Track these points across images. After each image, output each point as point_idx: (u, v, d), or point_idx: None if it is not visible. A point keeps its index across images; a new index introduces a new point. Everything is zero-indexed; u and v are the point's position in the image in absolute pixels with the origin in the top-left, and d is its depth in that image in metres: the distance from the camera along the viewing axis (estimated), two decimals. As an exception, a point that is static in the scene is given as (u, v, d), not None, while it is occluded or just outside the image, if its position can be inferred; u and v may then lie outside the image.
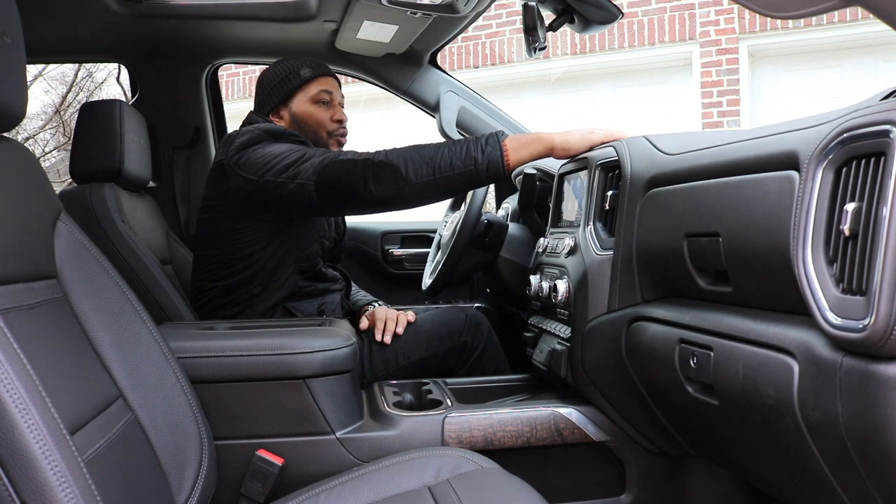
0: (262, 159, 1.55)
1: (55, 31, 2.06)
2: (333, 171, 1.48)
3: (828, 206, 0.75)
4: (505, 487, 1.05)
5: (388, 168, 1.43)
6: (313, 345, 1.28)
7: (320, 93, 1.75)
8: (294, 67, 1.76)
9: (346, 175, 1.46)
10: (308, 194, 1.50)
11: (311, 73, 1.76)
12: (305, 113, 1.75)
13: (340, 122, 1.77)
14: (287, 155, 1.53)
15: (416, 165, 1.43)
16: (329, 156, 1.50)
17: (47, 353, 0.90)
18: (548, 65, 6.54)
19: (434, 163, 1.43)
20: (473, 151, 1.42)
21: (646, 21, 6.13)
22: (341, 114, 1.78)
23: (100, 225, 1.73)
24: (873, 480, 0.73)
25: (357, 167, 1.45)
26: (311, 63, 1.78)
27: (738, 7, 5.15)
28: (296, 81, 1.75)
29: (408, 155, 1.44)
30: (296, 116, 1.75)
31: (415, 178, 1.43)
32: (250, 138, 1.61)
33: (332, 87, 1.78)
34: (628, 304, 1.24)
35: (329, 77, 1.79)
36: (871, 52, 5.56)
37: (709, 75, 5.97)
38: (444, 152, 1.43)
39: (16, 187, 0.98)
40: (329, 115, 1.76)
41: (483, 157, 1.42)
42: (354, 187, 1.46)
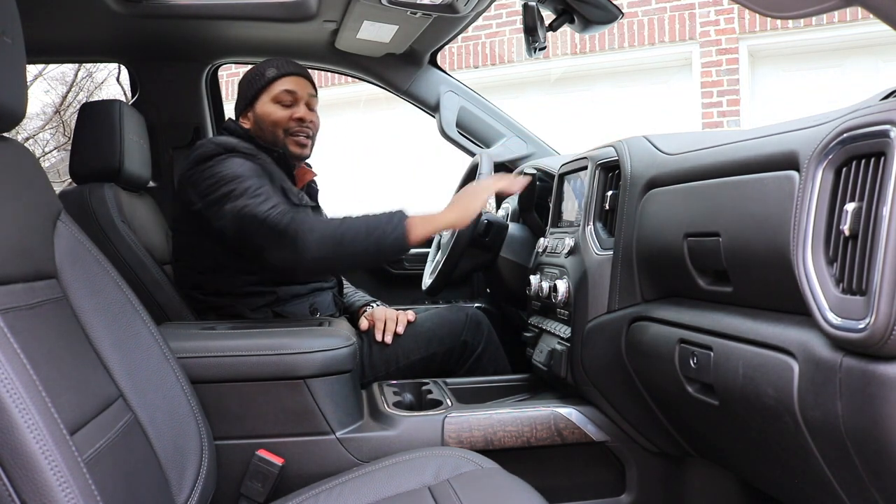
0: (207, 181, 1.56)
1: (55, 31, 2.06)
2: (244, 224, 1.48)
3: (828, 206, 0.75)
4: (505, 487, 1.05)
5: (289, 237, 1.41)
6: (313, 345, 1.28)
7: (282, 93, 1.73)
8: (261, 69, 1.76)
9: (252, 234, 1.46)
10: (228, 236, 1.52)
11: (274, 72, 1.74)
12: (265, 113, 1.73)
13: (300, 120, 1.73)
14: (225, 182, 1.53)
15: (319, 239, 1.41)
16: (249, 205, 1.48)
17: (47, 353, 0.90)
18: (548, 65, 6.54)
19: (337, 238, 1.41)
20: (376, 232, 1.42)
21: (646, 21, 6.13)
22: (303, 112, 1.74)
23: (100, 225, 1.73)
24: (873, 480, 0.73)
25: (262, 228, 1.44)
26: (278, 63, 1.77)
27: (738, 7, 5.15)
28: (260, 82, 1.74)
29: (315, 226, 1.43)
30: (257, 117, 1.75)
31: (315, 252, 1.41)
32: (203, 153, 1.61)
33: (296, 86, 1.74)
34: (628, 304, 1.24)
35: (294, 76, 1.75)
36: (871, 52, 5.56)
37: (709, 75, 5.97)
38: (349, 231, 1.42)
39: (16, 187, 0.98)
40: (289, 113, 1.73)
41: (386, 240, 1.42)
42: (259, 247, 1.46)
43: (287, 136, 1.73)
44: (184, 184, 1.63)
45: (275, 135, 1.73)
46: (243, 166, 1.57)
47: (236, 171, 1.56)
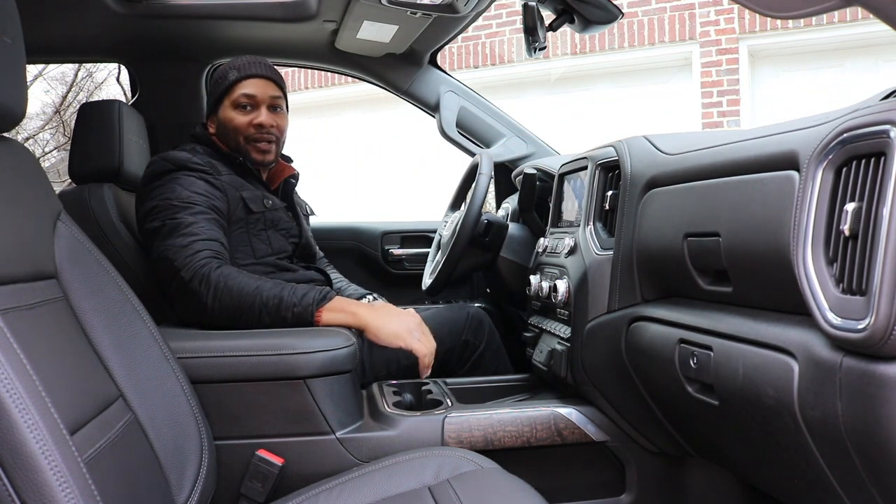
0: (149, 205, 1.52)
1: (55, 31, 2.06)
2: (161, 269, 1.45)
3: (828, 206, 0.75)
4: (505, 487, 1.05)
5: (195, 298, 1.38)
6: (313, 345, 1.28)
7: (241, 97, 1.65)
8: (224, 70, 1.69)
9: (166, 281, 1.44)
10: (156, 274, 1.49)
11: (235, 75, 1.66)
12: (226, 119, 1.67)
13: (260, 126, 1.65)
14: (160, 214, 1.49)
15: (224, 305, 1.37)
16: (167, 249, 1.43)
17: (47, 353, 0.90)
18: (548, 65, 6.54)
19: (243, 311, 1.37)
20: (284, 310, 1.37)
21: (646, 21, 6.13)
22: (263, 117, 1.65)
23: (99, 225, 1.73)
24: (873, 480, 0.73)
25: (174, 280, 1.41)
26: (240, 64, 1.68)
27: (738, 7, 5.15)
28: (222, 85, 1.67)
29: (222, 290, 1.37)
30: (220, 124, 1.69)
31: (217, 314, 1.38)
32: (152, 171, 1.57)
33: (257, 89, 1.66)
34: (628, 304, 1.24)
35: (256, 78, 1.67)
36: (871, 52, 5.57)
37: (709, 75, 5.97)
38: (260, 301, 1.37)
39: (16, 187, 0.98)
40: (249, 119, 1.65)
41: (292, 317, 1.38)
42: (169, 296, 1.44)
43: (248, 142, 1.67)
44: (136, 201, 1.61)
45: (236, 141, 1.67)
46: (192, 187, 1.52)
47: (179, 193, 1.50)
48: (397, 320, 1.43)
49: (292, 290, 1.40)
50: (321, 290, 1.41)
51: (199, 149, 1.64)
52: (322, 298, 1.40)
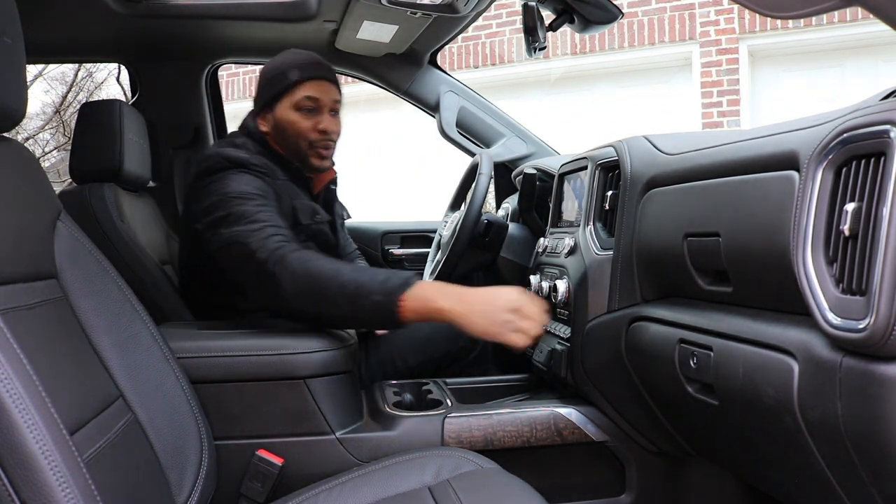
0: (210, 199, 1.44)
1: (55, 31, 2.06)
2: (232, 255, 1.37)
3: (828, 207, 0.75)
4: (505, 487, 1.05)
5: (270, 281, 1.29)
6: (313, 345, 1.28)
7: (304, 99, 1.57)
8: (284, 67, 1.60)
9: (236, 268, 1.37)
10: (220, 264, 1.41)
11: (298, 75, 1.57)
12: (286, 121, 1.58)
13: (325, 132, 1.59)
14: (225, 203, 1.41)
15: (300, 291, 1.27)
16: (238, 235, 1.35)
17: (47, 353, 0.90)
18: (548, 65, 6.54)
19: (319, 297, 1.27)
20: (363, 298, 1.25)
21: (646, 21, 6.13)
22: (328, 122, 1.59)
23: (100, 225, 1.73)
24: (873, 480, 0.73)
25: (249, 263, 1.33)
26: (302, 63, 1.60)
27: (738, 7, 5.15)
28: (282, 84, 1.58)
29: (298, 274, 1.28)
30: (277, 123, 1.59)
31: (293, 304, 1.29)
32: (209, 167, 1.49)
33: (320, 91, 1.59)
34: (628, 304, 1.24)
35: (319, 80, 1.59)
36: (871, 52, 5.56)
37: (709, 75, 5.97)
38: (336, 287, 1.26)
39: (16, 187, 0.98)
40: (312, 123, 1.58)
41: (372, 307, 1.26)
42: (242, 283, 1.38)
43: (309, 148, 1.60)
44: (188, 197, 1.54)
45: (296, 145, 1.59)
46: (250, 184, 1.46)
47: (240, 188, 1.44)
48: (488, 315, 1.23)
49: (372, 274, 1.29)
50: (402, 276, 1.28)
51: (251, 146, 1.56)
52: (403, 285, 1.26)
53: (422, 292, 1.26)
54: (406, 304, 1.25)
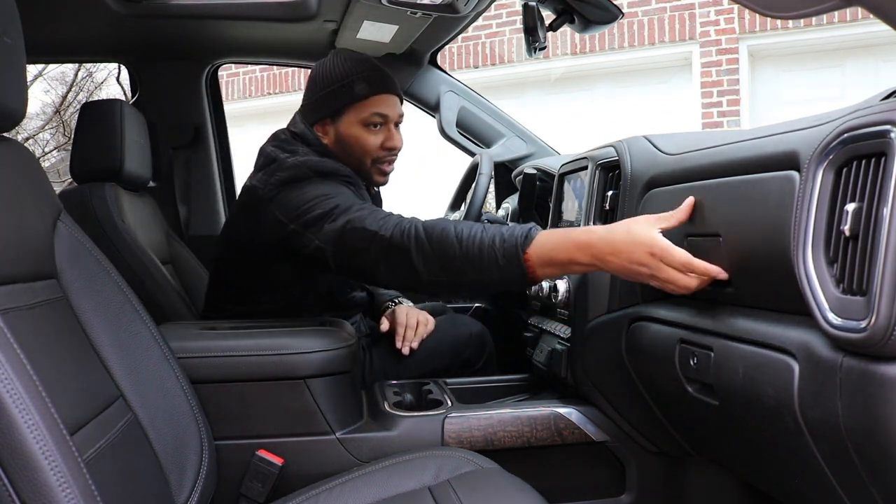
0: (298, 202, 1.37)
1: (55, 31, 2.06)
2: (348, 243, 1.30)
3: (828, 207, 0.75)
4: (505, 487, 1.05)
5: (399, 256, 1.23)
6: (313, 345, 1.28)
7: (373, 115, 1.51)
8: (349, 78, 1.50)
9: (358, 253, 1.29)
10: (326, 259, 1.34)
11: (366, 89, 1.50)
12: (352, 136, 1.52)
13: (392, 149, 1.55)
14: (321, 202, 1.35)
15: (429, 261, 1.22)
16: (351, 221, 1.30)
17: (47, 353, 0.90)
18: (548, 65, 6.54)
19: (446, 264, 1.21)
20: (487, 262, 1.17)
21: (646, 21, 6.13)
22: (394, 139, 1.54)
23: (100, 225, 1.73)
24: (873, 480, 0.73)
25: (371, 247, 1.26)
26: (370, 75, 1.51)
27: (738, 7, 5.15)
28: (348, 98, 1.50)
29: (424, 244, 1.22)
30: (341, 137, 1.52)
31: (426, 276, 1.23)
32: (294, 175, 1.41)
33: (388, 107, 1.53)
34: (628, 304, 1.24)
35: (387, 94, 1.53)
36: (871, 52, 5.56)
37: (709, 75, 5.97)
38: (460, 255, 1.19)
39: (16, 187, 0.98)
40: (379, 140, 1.53)
41: (499, 273, 1.18)
42: (366, 268, 1.30)
43: (374, 164, 1.55)
44: (262, 202, 1.42)
45: (361, 161, 1.54)
46: (339, 188, 1.40)
47: (331, 191, 1.38)
48: (624, 268, 1.08)
49: (491, 235, 1.18)
50: (521, 231, 1.18)
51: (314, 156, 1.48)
52: (524, 240, 1.16)
53: (546, 250, 1.15)
54: (535, 263, 1.15)
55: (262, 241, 1.44)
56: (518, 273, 1.16)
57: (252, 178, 1.49)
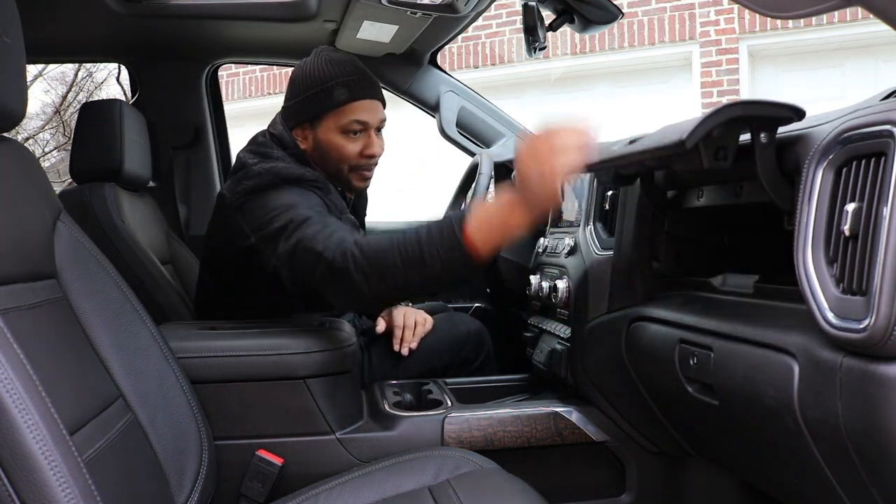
0: (260, 212, 1.35)
1: (55, 31, 2.06)
2: (299, 264, 1.27)
3: (828, 207, 0.75)
4: (505, 487, 1.05)
5: (340, 277, 1.20)
6: (313, 345, 1.28)
7: (352, 122, 1.46)
8: (329, 82, 1.46)
9: (307, 275, 1.26)
10: (283, 274, 1.32)
11: (345, 95, 1.45)
12: (330, 143, 1.48)
13: (371, 157, 1.50)
14: (280, 214, 1.32)
15: (369, 277, 1.17)
16: (302, 240, 1.26)
17: (47, 353, 0.90)
18: (548, 65, 6.54)
19: (386, 274, 1.17)
20: (429, 257, 1.14)
21: (646, 21, 6.13)
22: (373, 146, 1.49)
23: (100, 225, 1.73)
24: (873, 480, 0.73)
25: (317, 269, 1.23)
26: (350, 79, 1.46)
27: (738, 7, 5.15)
28: (326, 104, 1.46)
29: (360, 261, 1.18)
30: (319, 143, 1.49)
31: (369, 294, 1.19)
32: (259, 182, 1.38)
33: (368, 114, 1.48)
34: (628, 304, 1.24)
35: (367, 100, 1.48)
36: (871, 52, 5.56)
37: (709, 75, 5.97)
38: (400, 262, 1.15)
39: (16, 187, 0.98)
40: (358, 148, 1.48)
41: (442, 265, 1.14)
42: (317, 290, 1.28)
43: (352, 170, 1.51)
44: (229, 210, 1.41)
45: (337, 168, 1.50)
46: (309, 198, 1.37)
47: (293, 200, 1.34)
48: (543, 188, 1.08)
49: (427, 229, 1.16)
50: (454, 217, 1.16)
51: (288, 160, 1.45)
52: (458, 221, 1.14)
53: (477, 219, 1.13)
54: (475, 238, 1.12)
55: (234, 249, 1.42)
56: (461, 256, 1.12)
57: (224, 186, 1.47)
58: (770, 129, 0.85)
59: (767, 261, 1.03)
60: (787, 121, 0.85)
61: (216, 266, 1.54)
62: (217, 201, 1.51)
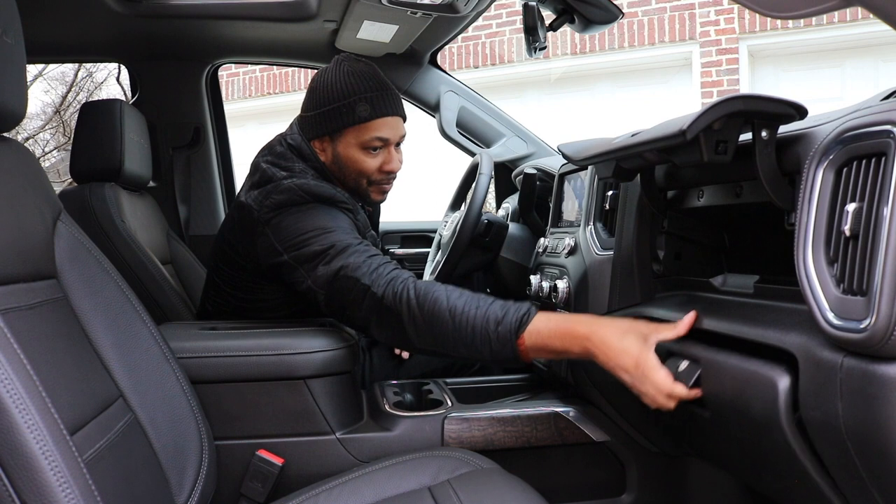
0: (293, 231, 1.34)
1: (55, 31, 2.06)
2: (341, 292, 1.27)
3: (828, 207, 0.75)
4: (505, 487, 1.04)
5: (390, 318, 1.22)
6: (313, 345, 1.28)
7: (373, 139, 1.45)
8: (351, 97, 1.43)
9: (350, 304, 1.26)
10: (318, 300, 1.31)
11: (368, 112, 1.43)
12: (350, 158, 1.46)
13: (389, 173, 1.50)
14: (318, 237, 1.31)
15: (420, 330, 1.20)
16: (345, 268, 1.26)
17: (47, 353, 0.90)
18: (548, 65, 6.54)
19: (438, 336, 1.19)
20: (480, 344, 1.16)
21: (646, 21, 6.13)
22: (392, 162, 1.49)
23: (100, 225, 1.73)
24: (873, 481, 0.73)
25: (363, 302, 1.24)
26: (373, 96, 1.44)
27: (738, 7, 5.15)
28: (348, 119, 1.44)
29: (416, 313, 1.20)
30: (339, 157, 1.47)
31: (416, 343, 1.22)
32: (290, 198, 1.36)
33: (389, 130, 1.47)
34: (628, 304, 1.24)
35: (389, 117, 1.46)
36: (871, 52, 5.56)
37: (709, 75, 5.97)
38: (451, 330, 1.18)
39: (16, 187, 0.98)
40: (378, 163, 1.47)
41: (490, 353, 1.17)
42: (358, 320, 1.28)
43: (370, 185, 1.50)
44: (257, 224, 1.38)
45: (356, 182, 1.49)
46: (336, 219, 1.36)
47: (329, 223, 1.33)
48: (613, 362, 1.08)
49: (485, 316, 1.17)
50: (518, 314, 1.16)
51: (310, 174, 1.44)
52: (519, 324, 1.15)
53: (542, 336, 1.14)
54: (528, 347, 1.15)
55: (257, 263, 1.41)
56: (510, 356, 1.16)
57: (247, 195, 1.43)
58: (771, 126, 0.85)
59: (767, 261, 1.03)
60: (788, 118, 0.85)
61: (232, 273, 1.50)
62: (237, 210, 1.46)
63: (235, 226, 1.46)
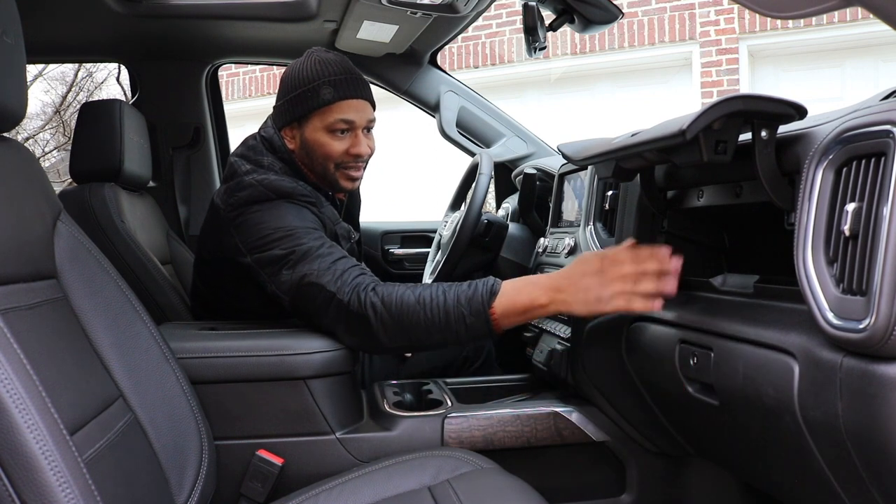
0: (256, 231, 1.35)
1: (55, 31, 2.06)
2: (305, 298, 1.29)
3: (828, 207, 0.75)
4: (505, 487, 1.05)
5: (357, 322, 1.24)
6: (313, 346, 1.28)
7: (338, 122, 1.45)
8: (315, 82, 1.45)
9: (317, 311, 1.28)
10: (284, 302, 1.33)
11: (332, 94, 1.44)
12: (316, 142, 1.46)
13: (357, 156, 1.48)
14: (281, 240, 1.32)
15: (390, 329, 1.23)
16: (308, 275, 1.28)
17: (47, 353, 0.90)
18: (548, 65, 6.54)
19: (410, 330, 1.22)
20: (455, 322, 1.20)
21: (646, 21, 6.13)
22: (360, 146, 1.47)
23: (100, 225, 1.73)
24: (873, 480, 0.73)
25: (329, 309, 1.26)
26: (336, 78, 1.45)
27: (738, 7, 5.15)
28: (312, 103, 1.45)
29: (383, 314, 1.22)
30: (306, 142, 1.47)
31: (387, 343, 1.24)
32: (252, 195, 1.37)
33: (354, 113, 1.46)
34: (628, 304, 1.24)
35: (353, 100, 1.46)
36: (871, 52, 5.56)
37: (709, 75, 5.97)
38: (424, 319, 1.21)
39: (16, 187, 0.98)
40: (344, 147, 1.47)
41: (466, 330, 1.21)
42: (325, 326, 1.30)
43: (338, 169, 1.49)
44: (224, 222, 1.40)
45: (324, 167, 1.49)
46: (301, 216, 1.37)
47: (293, 223, 1.34)
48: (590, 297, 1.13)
49: (456, 293, 1.21)
50: (486, 286, 1.21)
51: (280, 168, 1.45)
52: (489, 295, 1.19)
53: (510, 297, 1.19)
54: (499, 315, 1.19)
55: (228, 260, 1.41)
56: (484, 329, 1.20)
57: (216, 194, 1.45)
58: (771, 126, 0.85)
59: (767, 261, 1.03)
60: (788, 118, 0.85)
61: (208, 272, 1.52)
62: (210, 209, 1.49)
63: (208, 226, 1.48)
